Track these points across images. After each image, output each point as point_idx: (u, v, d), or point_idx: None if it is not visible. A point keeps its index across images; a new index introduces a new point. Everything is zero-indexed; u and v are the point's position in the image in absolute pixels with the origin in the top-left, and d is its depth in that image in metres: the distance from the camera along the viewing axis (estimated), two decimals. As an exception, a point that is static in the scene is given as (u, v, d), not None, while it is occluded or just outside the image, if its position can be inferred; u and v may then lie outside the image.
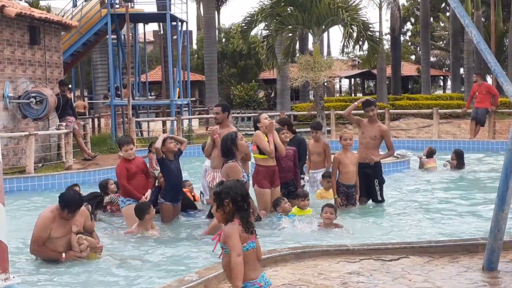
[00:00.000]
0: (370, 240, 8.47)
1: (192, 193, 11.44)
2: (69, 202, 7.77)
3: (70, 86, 27.73)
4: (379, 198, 11.09)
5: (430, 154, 15.79)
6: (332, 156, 11.28)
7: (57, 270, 7.45)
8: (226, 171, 7.53)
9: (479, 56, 37.96)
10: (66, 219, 7.78)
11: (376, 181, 11.02)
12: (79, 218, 7.95)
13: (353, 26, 15.75)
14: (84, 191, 11.32)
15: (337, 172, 10.70)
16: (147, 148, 13.67)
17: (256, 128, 10.08)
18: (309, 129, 13.26)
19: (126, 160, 9.71)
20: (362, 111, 11.54)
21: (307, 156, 11.80)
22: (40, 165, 17.02)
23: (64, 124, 17.50)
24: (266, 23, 16.41)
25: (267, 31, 16.78)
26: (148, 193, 9.79)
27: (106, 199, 10.95)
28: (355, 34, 16.13)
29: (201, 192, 11.46)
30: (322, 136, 12.10)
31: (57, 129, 17.51)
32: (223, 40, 48.55)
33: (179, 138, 11.01)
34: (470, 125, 21.04)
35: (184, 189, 10.90)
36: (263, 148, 9.87)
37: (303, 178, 11.11)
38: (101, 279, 7.00)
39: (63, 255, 7.75)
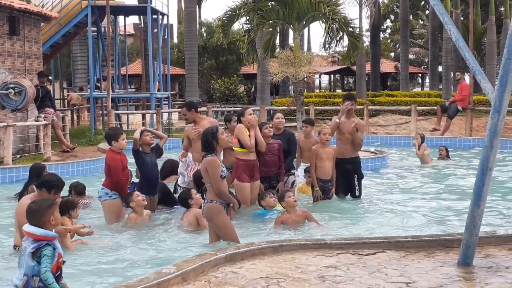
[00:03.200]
0: (347, 235, 8.54)
1: None
2: (55, 181, 7.79)
3: (50, 77, 27.55)
4: (357, 194, 11.15)
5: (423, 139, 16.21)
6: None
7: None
8: (205, 165, 7.53)
9: (457, 54, 38.28)
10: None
11: (356, 176, 11.09)
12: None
13: (334, 21, 15.79)
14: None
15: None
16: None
17: (239, 122, 10.12)
18: (292, 124, 13.40)
19: (116, 152, 9.57)
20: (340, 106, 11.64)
21: (297, 151, 11.66)
22: (18, 156, 16.92)
23: (43, 115, 17.39)
24: (248, 17, 16.39)
25: (249, 26, 16.77)
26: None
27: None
28: (335, 29, 16.18)
29: (177, 184, 11.34)
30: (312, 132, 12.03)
31: (36, 121, 17.41)
32: (205, 34, 48.43)
33: (158, 133, 10.96)
34: (437, 112, 21.53)
35: None
36: (244, 142, 9.92)
37: (293, 174, 10.98)
38: (77, 272, 6.97)
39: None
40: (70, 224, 8.01)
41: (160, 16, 27.15)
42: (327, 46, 17.15)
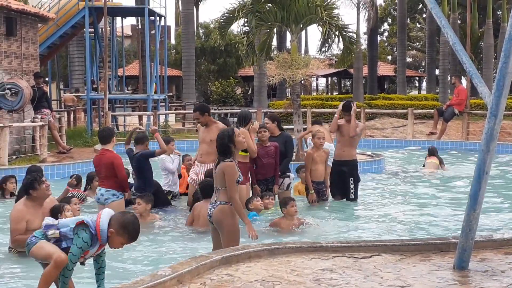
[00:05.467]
0: (343, 238, 8.53)
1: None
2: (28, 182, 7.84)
3: (46, 79, 27.54)
4: (352, 196, 11.16)
5: (432, 153, 16.08)
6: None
7: (31, 264, 7.41)
8: (222, 169, 7.00)
9: (454, 57, 38.30)
10: (38, 204, 7.78)
11: (352, 180, 11.10)
12: (49, 208, 7.94)
13: (331, 25, 15.77)
14: (57, 184, 11.28)
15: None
16: (124, 142, 13.19)
17: (241, 125, 10.11)
18: (290, 126, 13.56)
19: (112, 151, 9.58)
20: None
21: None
22: (14, 157, 16.88)
23: (39, 116, 17.36)
24: (247, 19, 16.37)
25: (247, 28, 16.76)
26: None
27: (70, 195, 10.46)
28: (332, 33, 16.16)
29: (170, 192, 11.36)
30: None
31: (32, 122, 17.38)
32: (203, 36, 48.40)
33: (162, 143, 11.06)
34: (434, 116, 21.51)
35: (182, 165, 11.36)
36: (250, 146, 9.88)
37: (288, 176, 10.96)
38: (75, 272, 6.94)
39: None
40: None
41: (158, 18, 27.14)
42: (323, 49, 17.00)
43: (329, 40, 16.37)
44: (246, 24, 16.68)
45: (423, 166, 16.04)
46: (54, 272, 5.25)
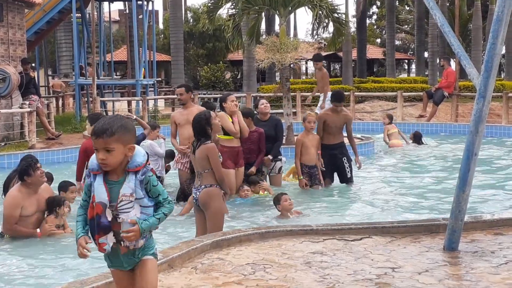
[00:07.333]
0: (334, 221, 8.56)
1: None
2: (23, 168, 7.77)
3: (33, 64, 27.37)
4: (349, 175, 11.18)
5: (391, 118, 17.06)
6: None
7: (24, 249, 7.40)
8: (205, 152, 7.07)
9: (443, 40, 38.31)
10: (33, 190, 7.76)
11: (345, 159, 11.13)
12: (44, 194, 7.92)
13: (322, 8, 15.71)
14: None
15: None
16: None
17: (222, 107, 10.08)
18: (279, 111, 13.50)
19: None
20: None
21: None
22: (2, 144, 16.80)
23: (27, 102, 17.27)
24: (233, 2, 16.29)
25: (234, 10, 16.67)
26: None
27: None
28: (323, 16, 16.11)
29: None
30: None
31: (21, 108, 17.29)
32: (191, 20, 48.17)
33: (143, 123, 10.99)
34: (423, 98, 21.67)
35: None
36: (228, 129, 9.85)
37: (280, 160, 10.98)
38: (72, 255, 6.91)
39: (38, 230, 7.76)
40: (54, 224, 7.95)
41: (145, 2, 26.99)
42: (314, 33, 17.03)
43: (323, 22, 16.32)
44: (232, 7, 16.62)
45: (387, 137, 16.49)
46: None
